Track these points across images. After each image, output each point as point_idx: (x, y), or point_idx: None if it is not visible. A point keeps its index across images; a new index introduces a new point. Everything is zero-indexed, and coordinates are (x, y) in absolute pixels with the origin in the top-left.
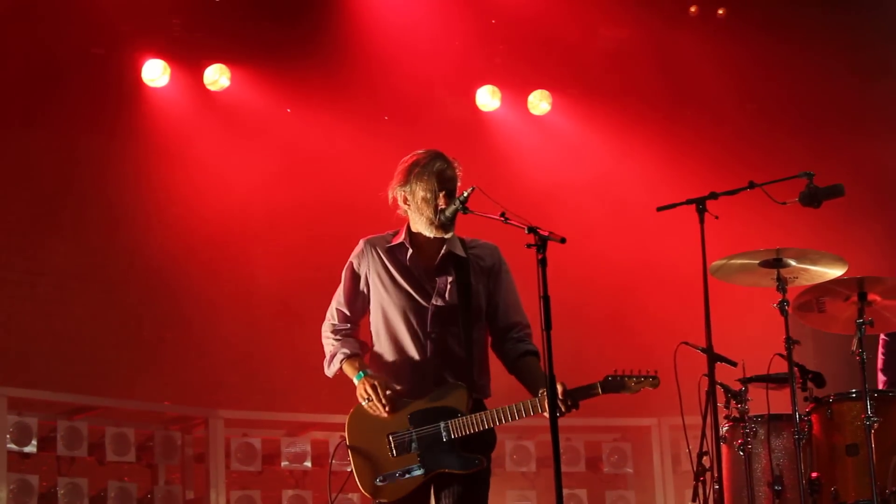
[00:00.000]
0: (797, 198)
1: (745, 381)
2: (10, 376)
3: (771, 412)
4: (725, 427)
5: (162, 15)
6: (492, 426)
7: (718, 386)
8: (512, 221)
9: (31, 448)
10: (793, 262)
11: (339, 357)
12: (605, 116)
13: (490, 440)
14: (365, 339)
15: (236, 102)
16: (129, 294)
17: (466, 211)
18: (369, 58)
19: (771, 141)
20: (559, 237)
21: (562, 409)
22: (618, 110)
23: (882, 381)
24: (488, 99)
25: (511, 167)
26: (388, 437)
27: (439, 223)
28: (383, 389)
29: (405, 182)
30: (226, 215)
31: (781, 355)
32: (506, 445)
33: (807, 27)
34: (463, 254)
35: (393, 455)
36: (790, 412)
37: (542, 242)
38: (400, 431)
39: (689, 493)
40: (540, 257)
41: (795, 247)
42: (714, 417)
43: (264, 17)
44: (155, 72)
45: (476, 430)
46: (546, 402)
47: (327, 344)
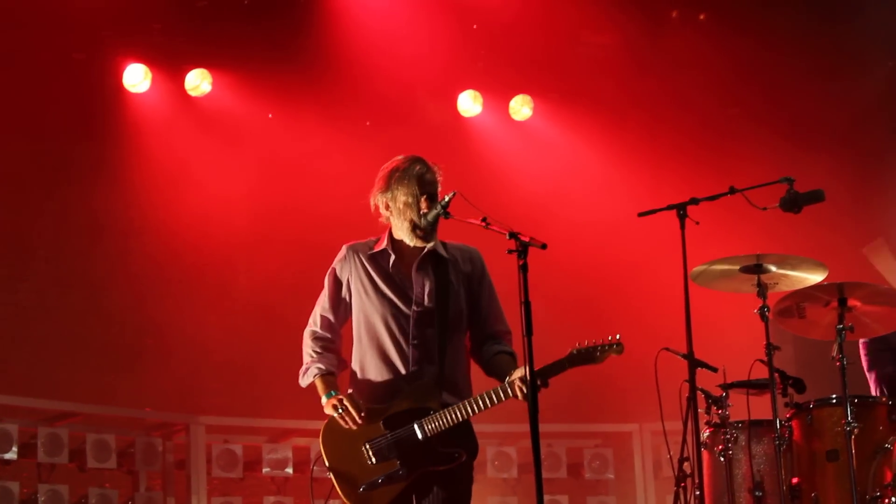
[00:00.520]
0: (778, 203)
1: (726, 387)
2: None
3: (752, 418)
4: (706, 433)
5: (143, 20)
6: (465, 417)
7: (699, 392)
8: (493, 227)
9: (12, 454)
10: (773, 268)
11: (314, 371)
12: (587, 122)
13: (470, 442)
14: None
15: (218, 107)
16: (111, 300)
17: (448, 215)
18: (351, 63)
19: (752, 146)
20: (540, 243)
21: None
22: (599, 115)
23: (873, 381)
24: (470, 104)
25: (493, 172)
26: (366, 446)
27: (422, 226)
28: (351, 401)
29: (386, 188)
30: (207, 221)
31: (762, 361)
32: (487, 451)
33: (787, 32)
34: (444, 254)
35: (372, 462)
36: (771, 418)
37: (524, 248)
38: (376, 438)
39: (671, 499)
40: (521, 263)
41: (776, 252)
42: (695, 423)
43: (246, 22)
44: (136, 77)
45: (450, 425)
46: (514, 387)
47: (306, 353)
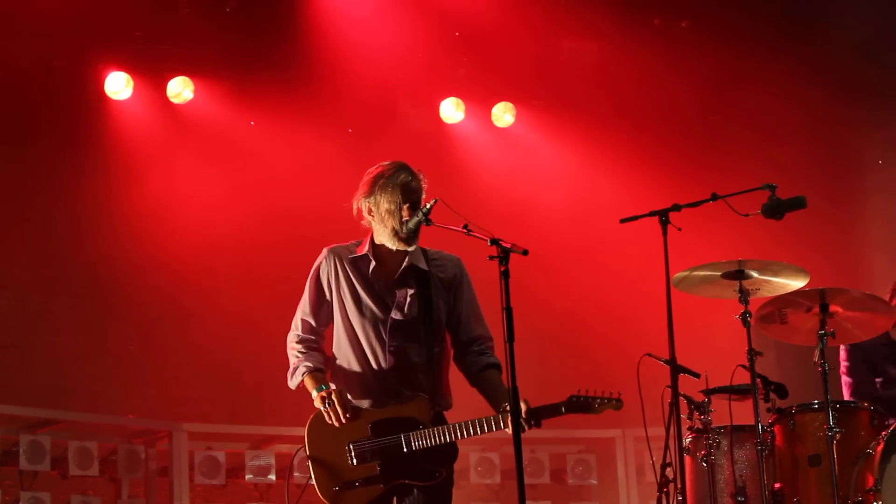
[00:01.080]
0: (760, 210)
1: (708, 393)
2: None
3: (734, 423)
4: (689, 438)
5: (125, 27)
6: (453, 440)
7: (681, 397)
8: (475, 233)
9: None
10: (755, 274)
11: (302, 370)
12: (569, 129)
13: (451, 452)
14: (328, 348)
15: (200, 115)
16: (93, 307)
17: (429, 223)
18: (333, 70)
19: (734, 153)
20: (521, 249)
21: (524, 427)
22: (582, 122)
23: (847, 384)
24: (452, 111)
25: (475, 179)
26: (349, 446)
27: (403, 235)
28: (340, 398)
29: (369, 193)
30: (189, 228)
31: (744, 366)
32: (470, 458)
33: (768, 39)
34: (425, 266)
35: (353, 464)
36: (753, 423)
37: (505, 254)
38: (361, 440)
39: None
40: (502, 269)
41: (758, 258)
42: (677, 429)
43: (228, 30)
44: (118, 84)
45: (437, 443)
46: (508, 420)
47: (291, 356)
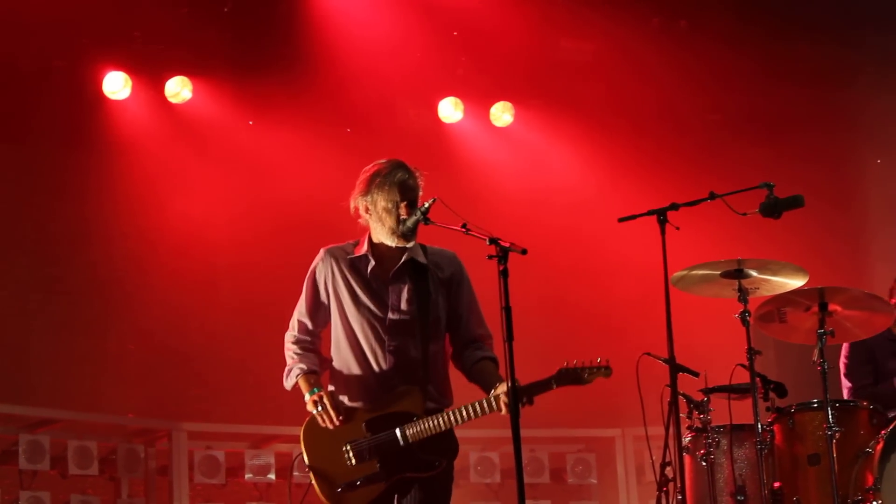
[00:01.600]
0: (758, 209)
1: (708, 392)
2: None
3: (733, 422)
4: (688, 437)
5: (123, 27)
6: (448, 427)
7: (681, 396)
8: (473, 232)
9: None
10: (754, 273)
11: (296, 372)
12: (568, 128)
13: (451, 446)
14: (325, 349)
15: (198, 115)
16: (92, 306)
17: (428, 222)
18: (332, 70)
19: (732, 152)
20: (520, 248)
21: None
22: (580, 122)
23: (847, 388)
24: (451, 111)
25: (474, 179)
26: (346, 446)
27: (400, 233)
28: (331, 400)
29: (366, 192)
30: (188, 228)
31: (743, 366)
32: (470, 457)
33: (767, 39)
34: (423, 260)
35: (352, 464)
36: (752, 422)
37: (504, 253)
38: (357, 439)
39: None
40: (501, 268)
41: (757, 257)
42: (676, 428)
43: (226, 30)
44: (116, 84)
45: (432, 433)
46: (500, 401)
47: (288, 357)
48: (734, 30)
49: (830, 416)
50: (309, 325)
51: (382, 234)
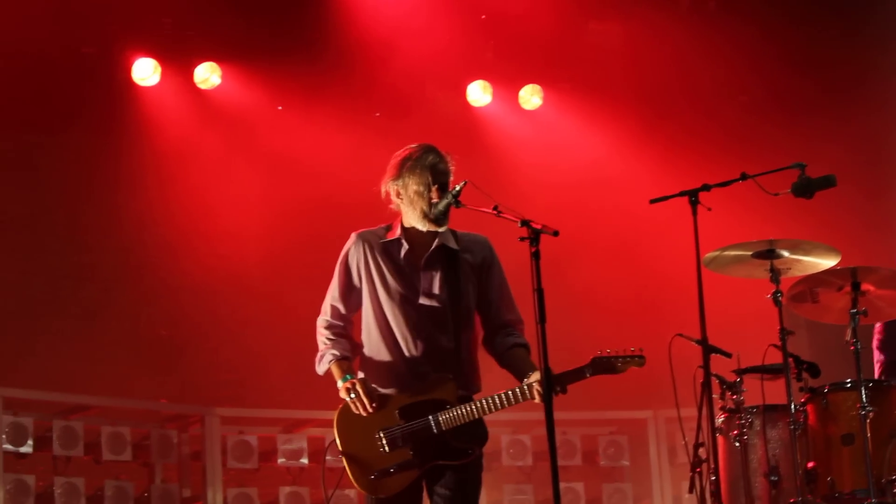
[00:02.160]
0: (789, 189)
1: (740, 373)
2: (5, 376)
3: (766, 403)
4: (721, 418)
5: (152, 14)
6: (480, 416)
7: (713, 377)
8: (505, 215)
9: (27, 448)
10: (786, 253)
11: (328, 358)
12: (597, 110)
13: (481, 432)
14: (357, 334)
15: (227, 100)
16: (125, 292)
17: (459, 205)
18: (360, 55)
19: (763, 132)
20: (552, 230)
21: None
22: (609, 104)
23: (878, 362)
24: (479, 94)
25: (503, 162)
26: (379, 434)
27: (432, 217)
28: (365, 388)
29: (398, 176)
30: (219, 213)
31: (776, 346)
32: (502, 440)
33: (797, 18)
34: (455, 245)
35: (385, 451)
36: (785, 403)
37: (535, 235)
38: (390, 427)
39: (686, 485)
40: (533, 250)
41: (788, 238)
42: (709, 409)
43: (255, 15)
44: (145, 71)
45: (465, 421)
46: (533, 390)
47: (320, 341)
48: (763, 10)
49: (864, 396)
50: (342, 310)
51: (414, 219)
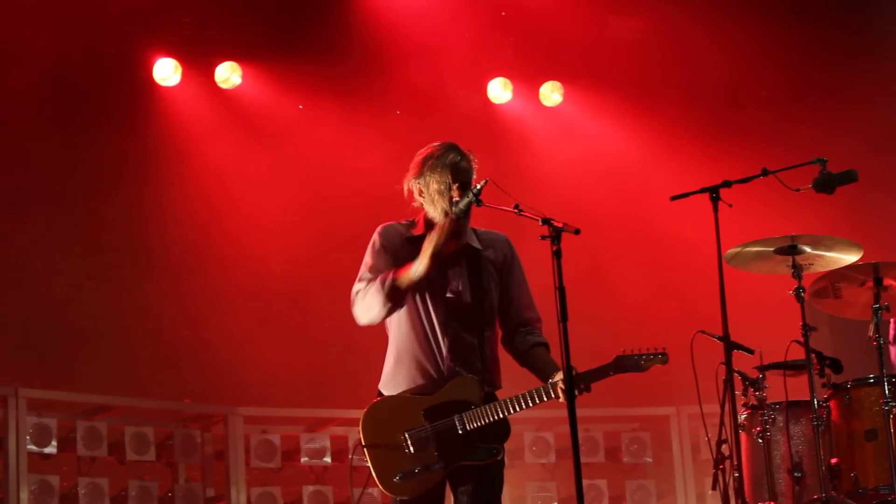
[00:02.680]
0: (811, 184)
1: (763, 369)
2: (29, 378)
3: (789, 399)
4: (744, 415)
5: (172, 14)
6: (505, 415)
7: (736, 374)
8: (526, 213)
9: (52, 449)
10: (808, 249)
11: (383, 279)
12: (618, 106)
13: (504, 430)
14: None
15: (248, 100)
16: (146, 293)
17: (480, 203)
18: (380, 53)
19: (784, 127)
20: (573, 228)
21: (574, 393)
22: (630, 100)
23: (894, 354)
24: (500, 91)
25: (524, 159)
26: (405, 434)
27: (454, 215)
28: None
29: (419, 174)
30: (240, 212)
31: (798, 342)
32: (524, 437)
33: (817, 11)
34: (477, 245)
35: (410, 452)
36: (808, 399)
37: (557, 234)
38: (415, 428)
39: (710, 482)
40: (555, 248)
41: (810, 233)
42: (732, 405)
43: (275, 14)
44: (166, 71)
45: (490, 421)
46: (557, 389)
47: (364, 292)
48: (783, 4)
49: (887, 391)
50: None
51: (436, 217)
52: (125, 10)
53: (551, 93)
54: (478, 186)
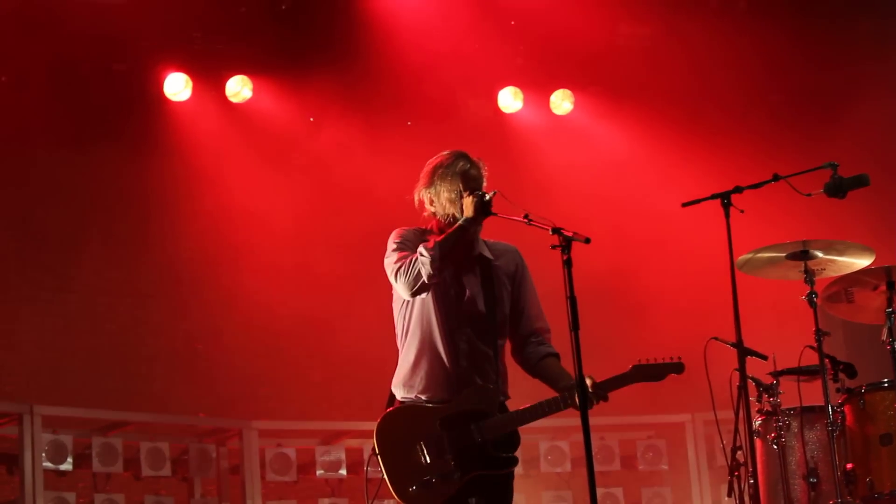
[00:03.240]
0: (822, 189)
1: (777, 375)
2: (44, 394)
3: (803, 404)
4: (758, 421)
5: (182, 28)
6: (522, 424)
7: (750, 380)
8: (536, 223)
9: (67, 465)
10: (820, 254)
11: (427, 249)
12: (628, 113)
13: (516, 439)
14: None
15: (259, 113)
16: (160, 308)
17: (490, 212)
18: (391, 63)
19: (795, 132)
20: (583, 237)
21: (592, 402)
22: (641, 107)
23: None
24: (510, 100)
25: (535, 167)
26: (420, 444)
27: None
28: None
29: (430, 184)
30: (252, 225)
31: (812, 347)
32: (540, 446)
33: (828, 17)
34: (489, 255)
35: (426, 461)
36: (823, 404)
37: (567, 243)
38: (431, 437)
39: (725, 488)
40: (565, 258)
41: (822, 238)
42: (746, 412)
43: (285, 27)
44: (177, 86)
45: (508, 430)
46: (575, 395)
47: (406, 263)
48: (794, 9)
49: None
50: None
51: (448, 226)
52: (135, 26)
53: (562, 101)
54: (487, 197)
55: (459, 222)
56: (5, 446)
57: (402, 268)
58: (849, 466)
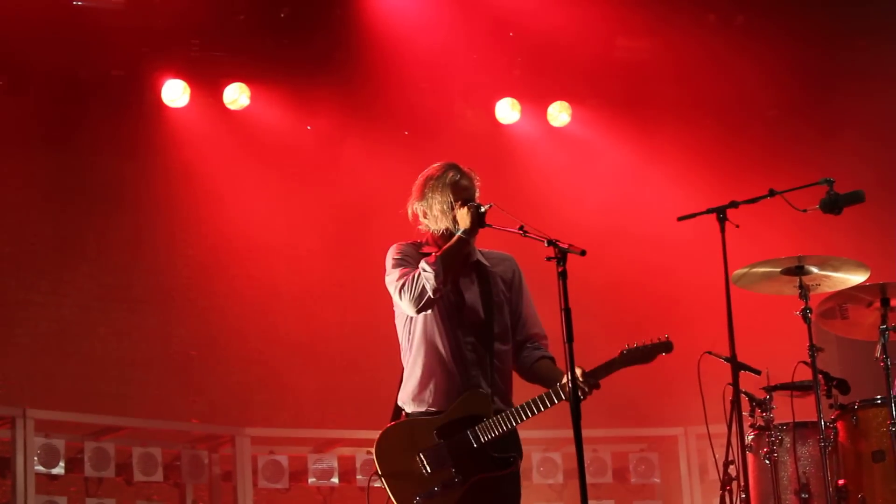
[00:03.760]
0: (818, 205)
1: (770, 390)
2: (37, 398)
3: (796, 420)
4: (751, 436)
5: (181, 35)
6: (518, 422)
7: (743, 395)
8: (531, 234)
9: (59, 470)
10: (815, 270)
11: (427, 264)
12: (626, 127)
13: (516, 441)
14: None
15: (256, 121)
16: (154, 313)
17: (484, 224)
18: (388, 73)
19: (791, 148)
20: (579, 249)
21: (585, 390)
22: (638, 120)
23: None
24: (508, 112)
25: (532, 179)
26: (419, 455)
27: (479, 210)
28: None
29: (422, 196)
30: (248, 233)
31: (805, 363)
32: (532, 458)
33: (824, 32)
34: (486, 263)
35: (427, 472)
36: (815, 419)
37: (562, 255)
38: (430, 447)
39: (717, 503)
40: (560, 270)
41: (817, 254)
42: (739, 426)
43: (283, 36)
44: (175, 92)
45: (504, 430)
46: (566, 389)
47: (409, 278)
48: (792, 25)
49: (894, 412)
50: None
51: (443, 237)
52: (133, 32)
53: (559, 113)
54: (482, 209)
55: (458, 234)
56: None
57: (406, 284)
58: (841, 482)
